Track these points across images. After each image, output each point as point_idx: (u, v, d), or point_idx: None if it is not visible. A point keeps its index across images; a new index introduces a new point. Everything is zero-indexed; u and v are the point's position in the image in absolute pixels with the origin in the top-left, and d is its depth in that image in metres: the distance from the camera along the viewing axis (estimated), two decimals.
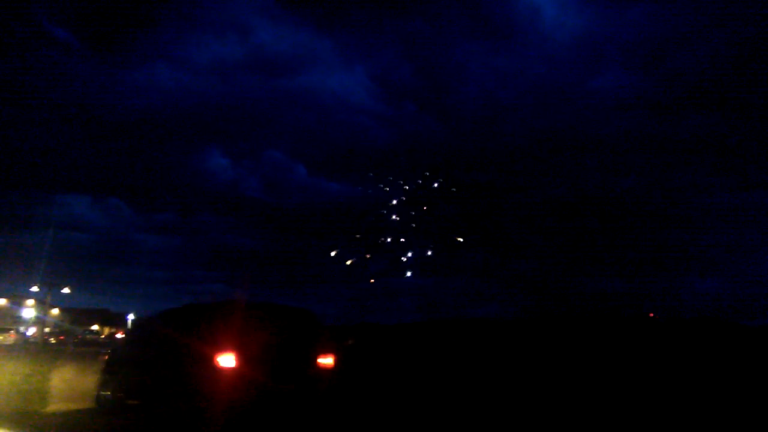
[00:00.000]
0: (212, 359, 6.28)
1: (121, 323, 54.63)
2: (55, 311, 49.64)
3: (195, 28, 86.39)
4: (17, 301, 44.72)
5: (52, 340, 39.85)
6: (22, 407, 7.31)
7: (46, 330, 42.74)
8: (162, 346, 7.27)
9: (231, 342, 6.36)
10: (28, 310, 42.21)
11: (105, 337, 50.55)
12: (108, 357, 8.58)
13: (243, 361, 6.32)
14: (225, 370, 6.27)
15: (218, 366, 6.27)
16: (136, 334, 10.15)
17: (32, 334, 39.28)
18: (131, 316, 47.25)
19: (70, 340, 38.91)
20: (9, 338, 32.69)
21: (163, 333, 7.41)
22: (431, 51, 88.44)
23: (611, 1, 79.00)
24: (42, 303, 41.55)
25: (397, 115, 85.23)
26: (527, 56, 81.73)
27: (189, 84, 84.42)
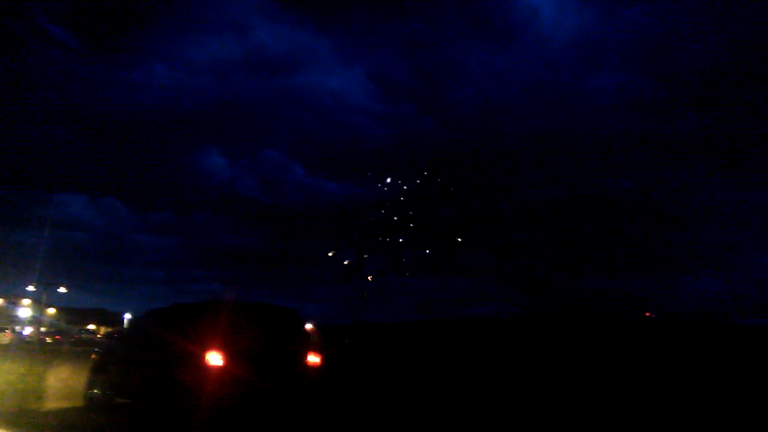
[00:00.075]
0: (199, 358, 6.37)
1: (117, 323, 54.59)
2: (52, 311, 49.56)
3: (192, 28, 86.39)
4: (13, 301, 44.64)
5: (49, 340, 39.75)
6: (18, 406, 7.36)
7: (43, 329, 42.75)
8: (150, 345, 7.35)
9: (218, 341, 6.44)
10: (25, 310, 42.15)
11: (101, 336, 50.49)
12: (97, 356, 8.64)
13: (229, 359, 6.40)
14: (212, 369, 6.35)
15: (205, 364, 6.35)
16: (124, 333, 10.22)
17: (28, 334, 39.27)
18: (128, 316, 47.22)
19: (67, 339, 38.79)
20: (5, 338, 32.60)
21: (151, 332, 7.50)
22: (429, 51, 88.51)
23: (609, 2, 79.17)
24: (38, 302, 41.60)
25: (395, 114, 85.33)
26: (525, 56, 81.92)
27: (186, 83, 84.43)
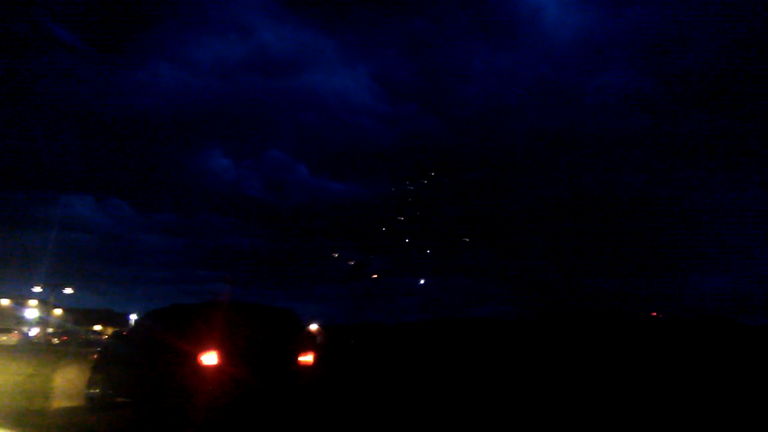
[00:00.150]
0: (196, 357, 6.50)
1: (123, 323, 54.98)
2: (58, 311, 49.94)
3: (197, 29, 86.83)
4: (20, 302, 44.94)
5: (55, 341, 40.15)
6: (25, 407, 7.51)
7: (49, 330, 43.16)
8: (148, 345, 7.50)
9: (214, 341, 6.57)
10: (31, 311, 42.45)
11: (108, 337, 50.73)
12: (97, 356, 8.81)
13: (225, 359, 6.54)
14: (208, 368, 6.48)
15: (201, 364, 6.48)
16: (124, 333, 10.40)
17: (35, 335, 39.58)
18: (133, 317, 47.51)
19: (73, 340, 39.15)
20: (12, 339, 32.88)
21: (149, 332, 7.65)
22: (433, 51, 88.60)
23: (613, 1, 78.87)
24: (45, 303, 41.95)
25: (400, 114, 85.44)
26: (529, 55, 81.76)
27: (191, 84, 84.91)
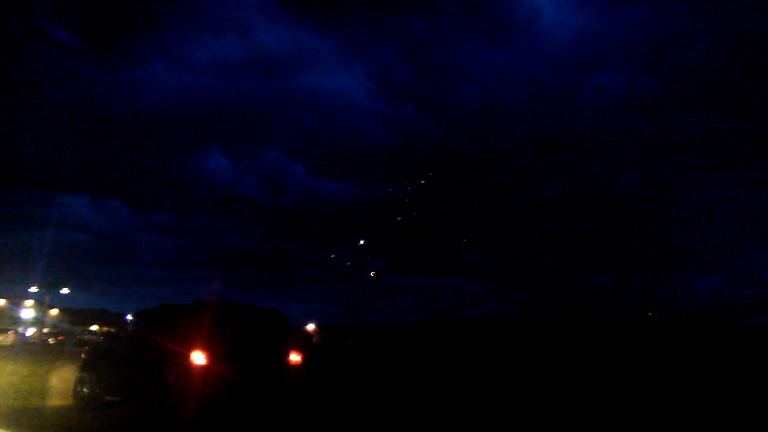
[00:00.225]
0: (184, 357, 6.57)
1: (119, 323, 54.89)
2: (54, 311, 49.91)
3: (194, 29, 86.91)
4: (16, 302, 44.92)
5: (51, 341, 40.13)
6: (22, 406, 7.55)
7: (45, 330, 43.10)
8: (137, 344, 7.56)
9: (202, 341, 6.64)
10: (27, 311, 42.44)
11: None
12: (86, 355, 8.86)
13: (213, 358, 6.60)
14: (196, 368, 6.55)
15: (190, 363, 6.55)
16: (113, 332, 10.44)
17: (31, 335, 39.58)
18: (129, 317, 47.34)
19: (69, 340, 39.11)
20: (8, 339, 32.86)
21: (138, 332, 7.72)
22: (431, 51, 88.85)
23: (611, 1, 79.17)
24: (41, 303, 41.91)
25: (397, 114, 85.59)
26: (527, 56, 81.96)
27: (188, 84, 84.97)
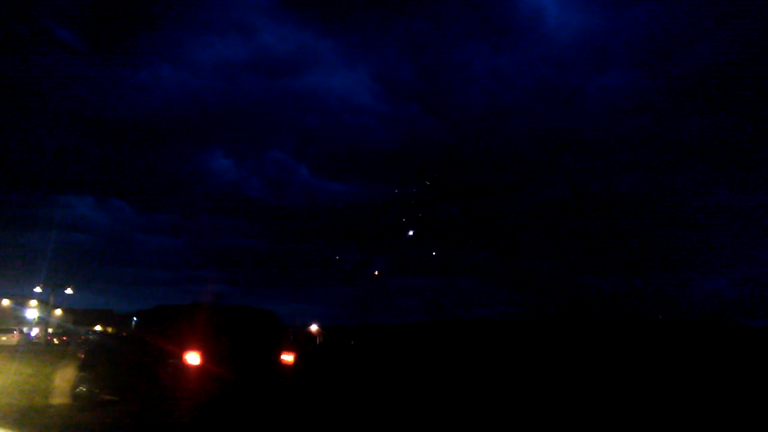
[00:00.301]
0: (179, 357, 6.68)
1: (126, 324, 55.17)
2: (58, 312, 50.19)
3: (198, 30, 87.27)
4: (20, 302, 45.20)
5: (55, 341, 40.38)
6: (27, 405, 7.67)
7: (50, 330, 43.38)
8: (133, 344, 7.68)
9: (196, 341, 6.75)
10: (31, 311, 42.69)
11: None
12: (84, 355, 8.97)
13: (208, 358, 6.71)
14: (191, 367, 6.65)
15: (185, 363, 6.66)
16: (110, 332, 10.57)
17: (35, 335, 39.83)
18: (135, 318, 47.56)
19: (73, 340, 39.32)
20: (12, 339, 33.06)
21: (134, 332, 7.84)
22: (434, 51, 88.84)
23: (614, 2, 78.97)
24: (45, 303, 42.14)
25: (400, 115, 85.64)
26: (530, 56, 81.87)
27: (192, 85, 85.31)
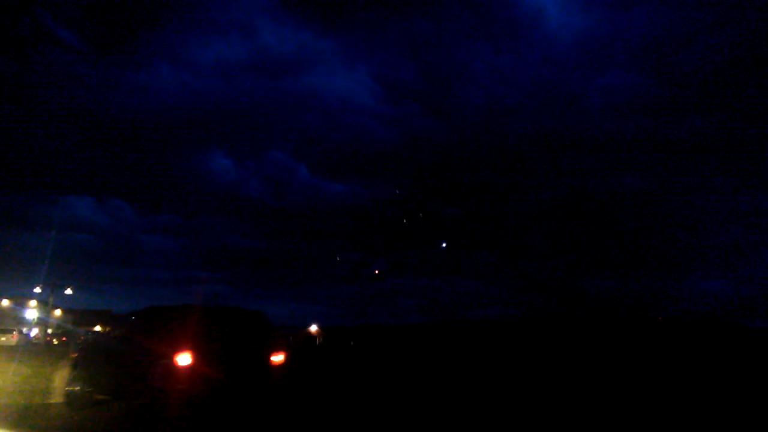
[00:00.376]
0: (170, 358, 6.79)
1: (123, 324, 55.21)
2: (58, 312, 50.29)
3: (198, 30, 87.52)
4: (20, 302, 45.32)
5: (55, 341, 40.52)
6: (25, 404, 7.76)
7: (49, 331, 43.50)
8: (125, 344, 7.79)
9: (186, 342, 6.86)
10: (31, 311, 42.79)
11: None
12: (77, 354, 9.07)
13: (198, 359, 6.82)
14: (182, 368, 6.76)
15: (176, 364, 6.77)
16: (103, 333, 10.69)
17: (35, 335, 39.95)
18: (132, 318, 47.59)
19: (72, 341, 39.46)
20: (11, 339, 33.24)
21: (127, 333, 7.94)
22: (434, 51, 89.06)
23: (615, 3, 79.13)
24: (44, 304, 42.29)
25: (401, 115, 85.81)
26: (530, 56, 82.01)
27: (192, 85, 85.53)
